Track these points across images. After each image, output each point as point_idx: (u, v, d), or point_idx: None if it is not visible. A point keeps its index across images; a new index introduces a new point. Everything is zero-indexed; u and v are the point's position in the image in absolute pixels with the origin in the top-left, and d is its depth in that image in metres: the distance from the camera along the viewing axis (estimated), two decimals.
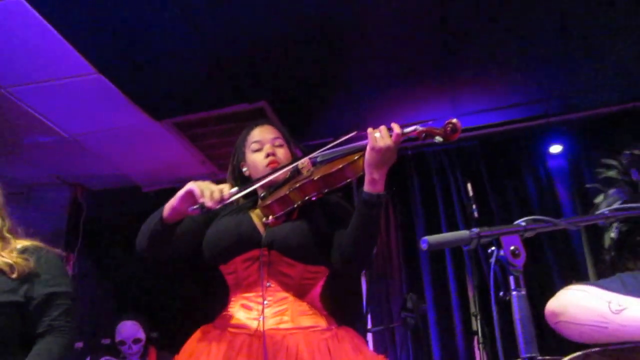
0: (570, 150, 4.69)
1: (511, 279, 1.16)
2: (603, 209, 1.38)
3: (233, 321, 1.97)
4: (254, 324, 1.93)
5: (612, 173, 2.14)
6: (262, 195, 2.11)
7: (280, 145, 2.18)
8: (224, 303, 2.09)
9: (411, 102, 4.31)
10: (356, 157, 1.92)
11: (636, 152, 2.10)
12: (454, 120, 1.85)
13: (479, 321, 2.89)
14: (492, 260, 1.18)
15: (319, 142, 4.50)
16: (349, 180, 1.95)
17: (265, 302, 1.95)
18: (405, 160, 4.82)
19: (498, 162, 4.75)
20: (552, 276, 4.32)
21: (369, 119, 4.42)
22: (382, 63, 3.86)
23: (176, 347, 2.04)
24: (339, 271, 2.05)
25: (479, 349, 2.98)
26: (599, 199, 2.14)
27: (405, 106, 4.34)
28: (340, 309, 2.47)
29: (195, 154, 4.85)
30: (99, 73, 3.71)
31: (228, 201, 1.85)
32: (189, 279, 4.55)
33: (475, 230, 1.18)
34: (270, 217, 2.01)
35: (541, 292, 4.29)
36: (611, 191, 2.10)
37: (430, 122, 1.93)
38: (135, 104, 4.09)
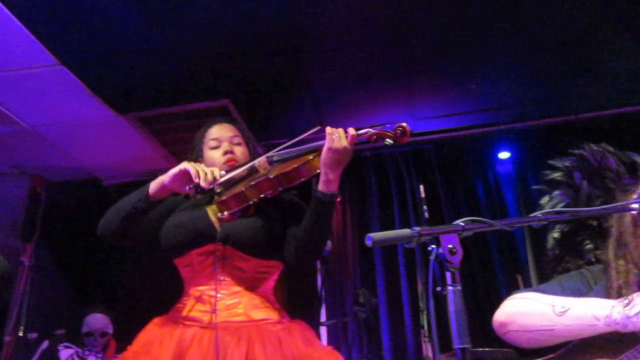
0: (517, 156, 4.85)
1: (448, 275, 1.21)
2: (536, 212, 1.45)
3: (186, 313, 1.98)
4: (206, 317, 1.93)
5: (557, 175, 2.21)
6: (218, 191, 2.12)
7: (239, 144, 2.19)
8: (179, 295, 2.10)
9: (370, 106, 4.39)
10: (311, 157, 1.96)
11: (581, 156, 2.17)
12: (404, 124, 1.91)
13: (425, 316, 2.98)
14: (432, 257, 1.23)
15: (281, 141, 4.53)
16: (303, 179, 1.99)
17: (219, 295, 1.96)
18: (363, 162, 4.90)
19: (450, 166, 4.88)
20: (496, 275, 4.44)
21: (329, 120, 4.46)
22: (342, 66, 3.91)
23: (133, 338, 2.04)
24: (291, 265, 2.08)
25: (425, 342, 3.07)
26: (544, 200, 2.21)
27: (364, 109, 4.41)
28: (295, 302, 2.50)
29: (158, 148, 4.81)
30: (62, 65, 3.65)
31: (218, 182, 1.94)
32: (146, 271, 4.51)
33: (417, 229, 1.23)
34: (226, 213, 2.02)
35: (485, 290, 4.43)
36: (555, 193, 2.17)
37: (388, 126, 1.99)
38: (99, 97, 4.03)
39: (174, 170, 1.94)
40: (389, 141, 1.93)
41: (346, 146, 1.86)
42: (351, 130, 1.89)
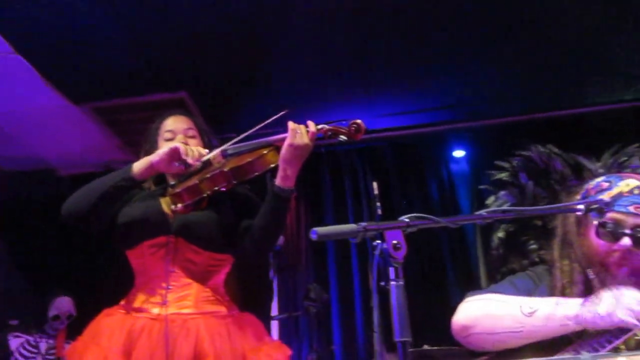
0: (472, 155, 4.91)
1: (391, 270, 1.22)
2: (482, 211, 1.47)
3: (136, 305, 1.98)
4: (156, 309, 1.93)
5: (503, 175, 2.25)
6: (172, 183, 2.11)
7: (193, 137, 2.18)
8: (130, 286, 2.07)
9: (328, 101, 4.39)
10: (265, 152, 1.97)
11: (526, 156, 2.22)
12: (359, 121, 1.94)
13: (376, 311, 2.99)
14: (376, 252, 1.24)
15: (239, 135, 4.51)
16: (257, 174, 2.00)
17: (169, 287, 1.96)
18: (318, 158, 4.89)
19: (405, 163, 4.93)
20: (447, 274, 4.51)
21: (288, 116, 4.45)
22: (301, 62, 3.91)
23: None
24: (243, 258, 2.09)
25: (377, 338, 3.09)
26: (490, 200, 2.25)
27: (322, 105, 4.41)
28: (246, 296, 2.49)
29: (113, 139, 4.72)
30: (17, 53, 3.53)
31: (203, 159, 2.00)
32: (100, 262, 4.42)
33: (363, 224, 1.25)
34: (179, 205, 2.02)
35: (436, 288, 4.49)
36: (501, 193, 2.21)
37: (343, 122, 2.00)
38: (54, 87, 3.93)
39: (164, 150, 1.97)
40: (343, 138, 1.96)
41: (307, 143, 1.87)
42: (312, 127, 1.90)
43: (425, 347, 3.34)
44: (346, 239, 1.26)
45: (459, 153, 4.94)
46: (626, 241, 1.64)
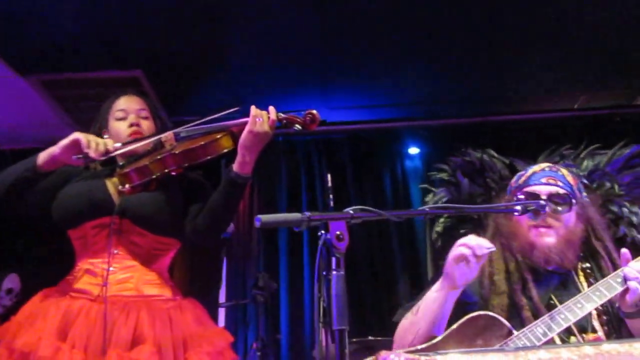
0: (426, 153, 5.01)
1: (333, 260, 1.26)
2: (425, 206, 1.54)
3: (76, 285, 1.95)
4: (96, 290, 1.92)
5: (442, 175, 2.39)
6: (120, 163, 2.09)
7: (146, 117, 2.16)
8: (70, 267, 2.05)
9: (285, 90, 4.40)
10: (218, 136, 1.97)
11: (464, 158, 2.37)
12: (314, 112, 1.98)
13: (322, 302, 3.05)
14: (320, 242, 1.28)
15: (192, 118, 4.48)
16: (209, 158, 1.99)
17: (111, 268, 1.94)
18: (274, 146, 4.91)
19: (361, 157, 4.99)
20: (396, 268, 4.61)
21: (245, 101, 4.44)
22: (260, 48, 3.90)
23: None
24: (191, 242, 2.08)
25: (321, 327, 3.15)
26: (429, 197, 2.38)
27: (279, 93, 4.42)
28: (193, 281, 2.51)
29: (62, 116, 4.60)
30: None
31: (112, 154, 1.92)
32: (39, 242, 4.33)
33: (307, 213, 1.28)
34: (127, 186, 2.00)
35: (384, 278, 4.59)
36: (438, 190, 2.36)
37: (302, 112, 2.03)
38: None
39: (65, 141, 1.90)
40: (297, 127, 1.98)
41: (267, 131, 1.89)
42: (272, 114, 1.91)
43: (370, 337, 3.43)
44: (297, 229, 1.30)
45: (413, 150, 5.04)
46: (538, 201, 1.78)
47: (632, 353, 1.13)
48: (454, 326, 1.75)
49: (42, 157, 1.92)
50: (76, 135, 1.89)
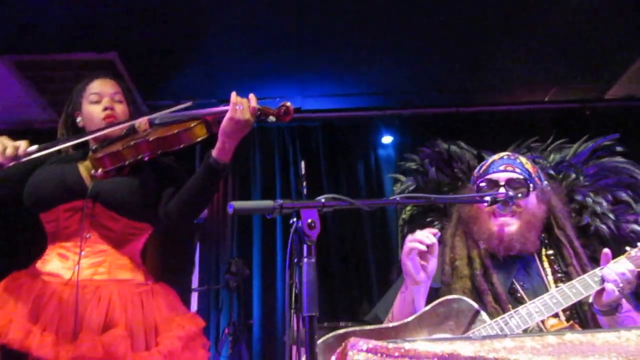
0: (399, 142, 5.03)
1: (305, 247, 1.25)
2: (395, 196, 1.55)
3: (47, 269, 1.92)
4: (68, 274, 1.89)
5: (411, 165, 2.42)
6: (93, 147, 2.05)
7: (120, 101, 2.11)
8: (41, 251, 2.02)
9: (261, 77, 4.37)
10: (192, 125, 1.94)
11: (433, 149, 2.40)
12: (288, 104, 1.95)
13: (295, 288, 3.05)
14: (292, 230, 1.27)
15: (168, 102, 4.41)
16: (183, 146, 1.97)
17: (83, 252, 1.91)
18: (249, 133, 4.85)
19: (335, 145, 4.99)
20: (368, 256, 4.63)
21: (221, 88, 4.41)
22: (237, 35, 3.88)
23: None
24: (163, 227, 2.06)
25: (292, 313, 3.16)
26: (397, 186, 2.41)
27: (255, 80, 4.39)
28: (165, 266, 2.49)
29: (36, 97, 4.50)
30: None
31: (23, 160, 1.82)
32: (9, 225, 4.24)
33: (279, 201, 1.27)
34: (100, 170, 1.97)
35: (356, 266, 4.61)
36: (406, 179, 2.39)
37: (278, 99, 2.02)
38: None
39: None
40: (271, 118, 1.96)
41: (249, 118, 1.86)
42: (253, 102, 1.88)
43: (341, 324, 3.44)
44: (269, 216, 1.29)
45: (387, 139, 5.05)
46: (501, 192, 1.87)
47: (594, 343, 1.15)
48: (427, 307, 1.78)
49: None
50: None
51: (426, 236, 1.78)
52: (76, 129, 2.11)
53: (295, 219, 1.27)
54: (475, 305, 1.74)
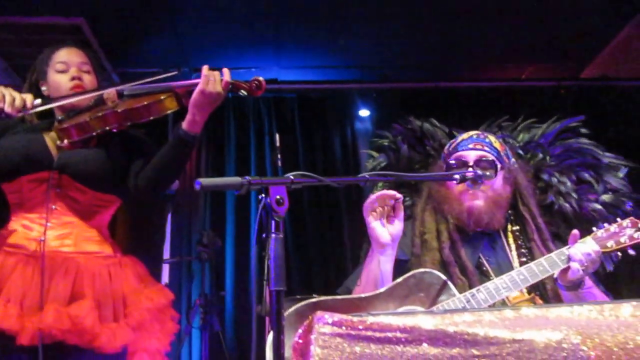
0: (376, 116, 5.06)
1: (272, 223, 1.30)
2: (365, 173, 1.60)
3: (11, 240, 1.93)
4: (32, 245, 1.90)
5: (383, 141, 2.49)
6: (59, 118, 2.05)
7: (88, 72, 2.10)
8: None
9: (235, 47, 4.34)
10: (162, 97, 1.96)
11: (406, 126, 2.46)
12: (260, 79, 1.99)
13: (267, 261, 3.11)
14: (260, 206, 1.32)
15: (137, 70, 4.38)
16: (152, 118, 1.99)
17: (49, 224, 1.93)
18: (223, 103, 4.84)
19: (311, 117, 4.99)
20: (343, 233, 4.71)
21: (192, 57, 4.38)
22: (213, 2, 3.82)
23: None
24: (133, 198, 2.08)
25: (265, 285, 3.23)
26: (369, 163, 2.47)
27: (229, 50, 4.36)
28: (134, 238, 2.51)
29: None
30: None
31: (30, 112, 1.87)
32: None
33: (247, 178, 1.31)
34: (66, 141, 1.97)
35: (332, 237, 4.68)
36: (378, 156, 2.46)
37: (253, 70, 2.04)
38: None
39: None
40: (243, 93, 1.99)
41: (220, 91, 1.88)
42: (226, 76, 1.91)
43: (314, 296, 3.51)
44: (237, 193, 1.33)
45: (364, 113, 5.08)
46: (470, 170, 1.94)
47: (548, 317, 1.23)
48: (399, 279, 1.85)
49: None
50: None
51: (386, 194, 1.87)
52: (41, 97, 2.10)
53: (263, 195, 1.31)
54: (444, 278, 1.83)
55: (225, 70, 1.92)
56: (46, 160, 1.96)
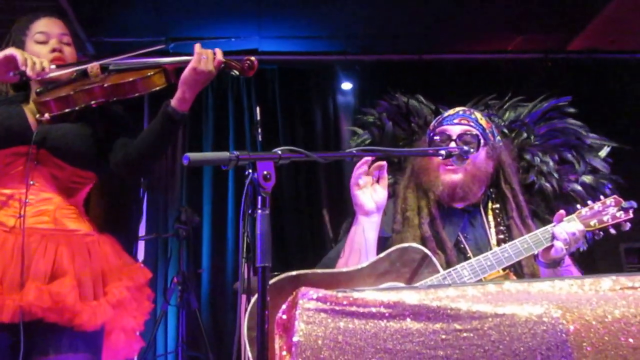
0: (359, 89, 5.09)
1: (259, 199, 1.34)
2: (352, 149, 1.65)
3: None
4: (11, 221, 1.91)
5: (368, 118, 2.54)
6: (38, 90, 2.03)
7: (68, 44, 2.10)
8: None
9: (215, 17, 4.31)
10: (150, 73, 1.97)
11: (391, 102, 2.51)
12: (253, 58, 2.01)
13: (246, 238, 3.15)
14: (247, 181, 1.36)
15: (112, 39, 4.32)
16: (138, 94, 2.01)
17: (27, 200, 1.93)
18: None
19: (292, 90, 5.01)
20: (322, 201, 4.76)
21: (170, 26, 4.33)
22: None
23: None
24: (114, 176, 2.09)
25: (244, 263, 3.27)
26: (354, 139, 2.53)
27: (209, 19, 4.32)
28: (110, 215, 2.53)
29: None
30: None
31: (47, 76, 1.90)
32: None
33: (235, 153, 1.35)
34: (47, 115, 1.97)
35: (311, 214, 4.73)
36: (362, 133, 2.51)
37: (233, 40, 2.05)
38: None
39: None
40: (235, 72, 2.02)
41: (212, 70, 1.90)
42: (219, 55, 1.93)
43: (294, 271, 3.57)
44: (225, 168, 1.37)
45: (346, 85, 5.10)
46: (453, 145, 2.04)
47: (529, 291, 1.30)
48: (382, 254, 1.91)
49: None
50: (12, 51, 1.87)
51: (364, 161, 1.93)
52: None
53: (250, 171, 1.35)
54: (427, 252, 1.89)
55: (218, 50, 1.95)
56: (25, 134, 1.96)
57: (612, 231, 1.99)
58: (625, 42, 4.93)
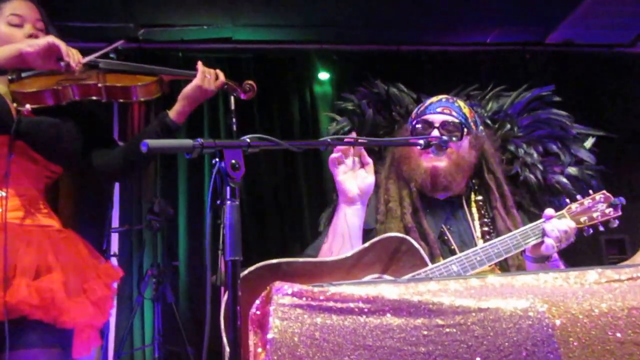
0: (337, 78, 5.03)
1: (228, 189, 1.26)
2: (326, 137, 1.57)
3: None
4: None
5: (347, 105, 2.47)
6: (10, 77, 1.90)
7: (42, 30, 2.00)
8: None
9: (189, 4, 4.19)
10: (149, 81, 1.98)
11: (371, 90, 2.45)
12: (251, 82, 2.19)
13: (222, 230, 3.07)
14: (214, 170, 1.27)
15: (76, 24, 4.12)
16: (133, 100, 2.02)
17: (6, 194, 1.83)
18: (174, 62, 4.70)
19: (268, 79, 4.91)
20: (300, 191, 4.70)
21: (139, 12, 4.19)
22: None
23: None
24: (80, 170, 2.06)
25: (220, 254, 3.20)
26: (332, 126, 2.46)
27: (182, 7, 4.20)
28: (82, 206, 2.43)
29: None
30: None
31: (82, 63, 1.87)
32: None
33: (200, 140, 1.25)
34: (27, 106, 1.86)
35: (289, 204, 4.67)
36: (341, 119, 2.45)
37: (205, 28, 2.00)
38: None
39: (39, 42, 1.78)
40: (235, 94, 2.18)
41: (214, 90, 2.03)
42: (221, 77, 2.06)
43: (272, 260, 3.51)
44: (189, 156, 1.28)
45: (323, 75, 5.03)
46: (435, 133, 2.01)
47: (513, 285, 1.24)
48: (366, 244, 1.85)
49: (5, 54, 1.77)
50: (53, 40, 1.79)
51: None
52: None
53: (217, 160, 1.27)
54: (417, 245, 1.82)
55: (219, 72, 2.07)
56: (8, 123, 1.83)
57: (601, 228, 1.95)
58: (602, 35, 4.93)
